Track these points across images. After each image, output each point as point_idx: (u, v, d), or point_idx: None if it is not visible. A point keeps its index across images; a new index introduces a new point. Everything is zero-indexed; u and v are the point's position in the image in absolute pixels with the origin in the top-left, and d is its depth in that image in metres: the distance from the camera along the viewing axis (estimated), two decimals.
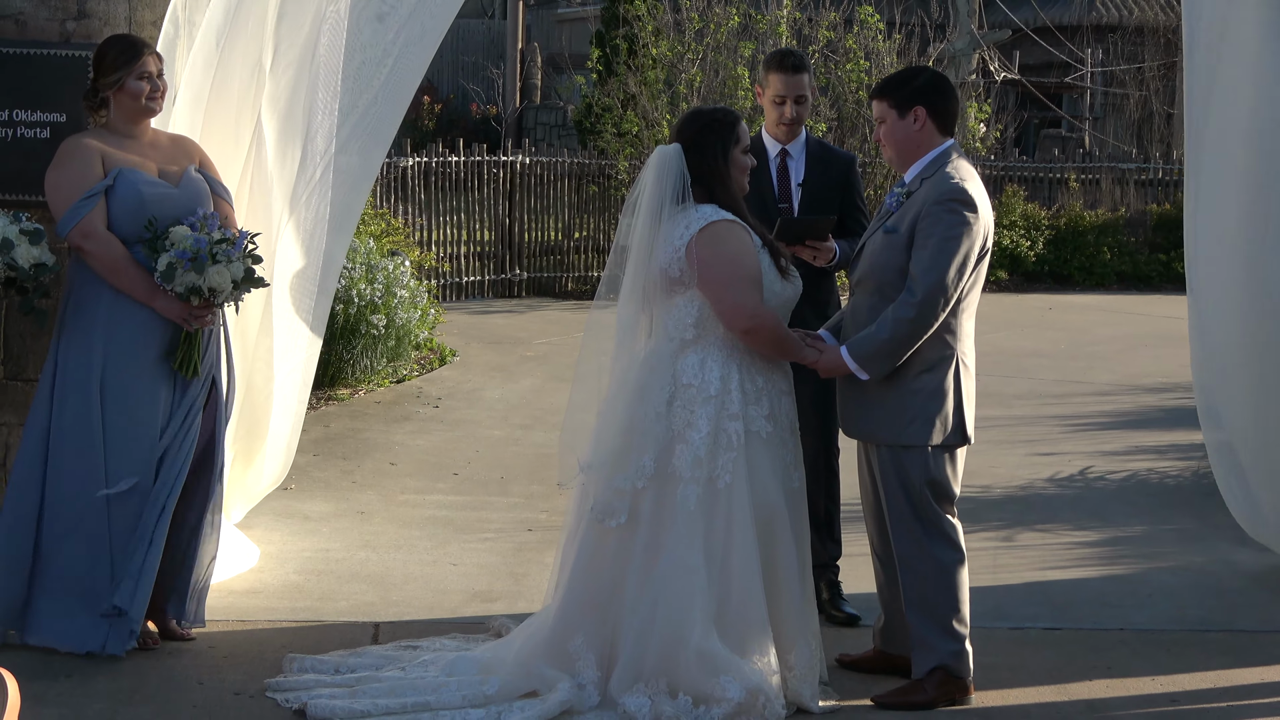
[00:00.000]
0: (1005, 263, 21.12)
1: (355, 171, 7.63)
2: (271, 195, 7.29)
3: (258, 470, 7.69)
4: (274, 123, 7.31)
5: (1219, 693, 6.41)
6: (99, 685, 6.04)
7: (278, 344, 7.52)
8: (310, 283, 7.61)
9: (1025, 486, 10.05)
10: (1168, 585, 7.88)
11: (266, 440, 7.63)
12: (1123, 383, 14.02)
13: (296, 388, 7.76)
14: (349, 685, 6.01)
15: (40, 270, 6.29)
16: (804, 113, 7.20)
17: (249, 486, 7.73)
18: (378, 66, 7.47)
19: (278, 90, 7.28)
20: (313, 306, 7.65)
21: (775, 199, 7.14)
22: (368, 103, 7.50)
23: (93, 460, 6.34)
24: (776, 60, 7.21)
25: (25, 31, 7.27)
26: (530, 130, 28.71)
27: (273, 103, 7.28)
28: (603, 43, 21.63)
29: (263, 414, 7.56)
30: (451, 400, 12.35)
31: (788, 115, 7.16)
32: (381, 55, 7.47)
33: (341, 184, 7.53)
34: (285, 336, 7.58)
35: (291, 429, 7.82)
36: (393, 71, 7.51)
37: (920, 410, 6.05)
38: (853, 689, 6.24)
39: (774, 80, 7.17)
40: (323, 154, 7.40)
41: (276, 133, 7.31)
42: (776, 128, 7.20)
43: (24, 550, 6.39)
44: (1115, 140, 27.83)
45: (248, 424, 7.52)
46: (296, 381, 7.75)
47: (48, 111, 7.16)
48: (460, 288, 18.79)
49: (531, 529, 8.62)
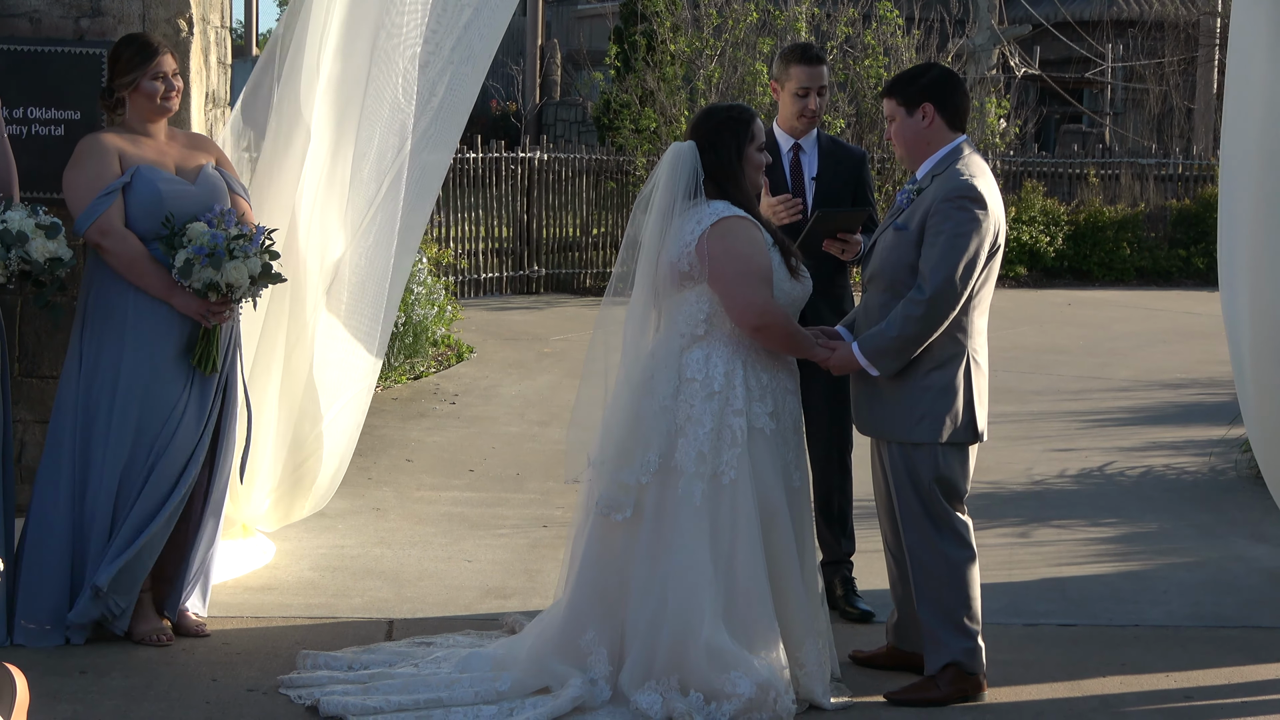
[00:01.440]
0: (1025, 258, 21.10)
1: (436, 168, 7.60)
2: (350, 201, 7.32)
3: (304, 498, 7.70)
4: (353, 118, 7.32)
5: (1234, 689, 6.39)
6: (112, 682, 6.04)
7: (333, 375, 7.50)
8: (371, 307, 7.53)
9: (1042, 482, 10.03)
10: (1184, 581, 7.85)
11: (319, 471, 7.63)
12: (1141, 378, 13.99)
13: (353, 415, 7.72)
14: (362, 682, 6.02)
15: (56, 265, 6.27)
16: (824, 105, 7.19)
17: (292, 511, 7.74)
18: (431, 91, 7.43)
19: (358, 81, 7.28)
20: (376, 332, 7.58)
21: (789, 193, 7.12)
22: (426, 123, 7.44)
23: (113, 460, 6.36)
24: (799, 53, 7.21)
25: (39, 29, 7.28)
26: (549, 126, 28.74)
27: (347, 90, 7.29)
28: (621, 39, 21.64)
29: (314, 443, 7.54)
30: (468, 397, 12.36)
31: (811, 107, 7.14)
32: (435, 79, 7.43)
33: (425, 181, 7.50)
34: (343, 363, 7.54)
35: (341, 460, 7.77)
36: (448, 91, 7.47)
37: (930, 407, 6.04)
38: (866, 685, 6.23)
39: (796, 72, 7.16)
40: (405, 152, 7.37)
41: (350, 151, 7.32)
42: (797, 120, 7.18)
43: (63, 551, 6.41)
44: (1135, 135, 27.75)
45: (296, 454, 7.51)
46: (353, 410, 7.71)
47: (62, 109, 7.17)
48: (478, 284, 18.81)
49: (547, 525, 8.63)
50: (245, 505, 7.51)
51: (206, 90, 7.77)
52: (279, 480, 7.50)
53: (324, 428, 7.50)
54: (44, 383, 7.32)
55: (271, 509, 7.61)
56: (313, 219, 7.28)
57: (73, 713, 5.73)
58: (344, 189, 7.34)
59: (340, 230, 7.37)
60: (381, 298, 7.48)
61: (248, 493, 7.43)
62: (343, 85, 7.26)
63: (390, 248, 7.42)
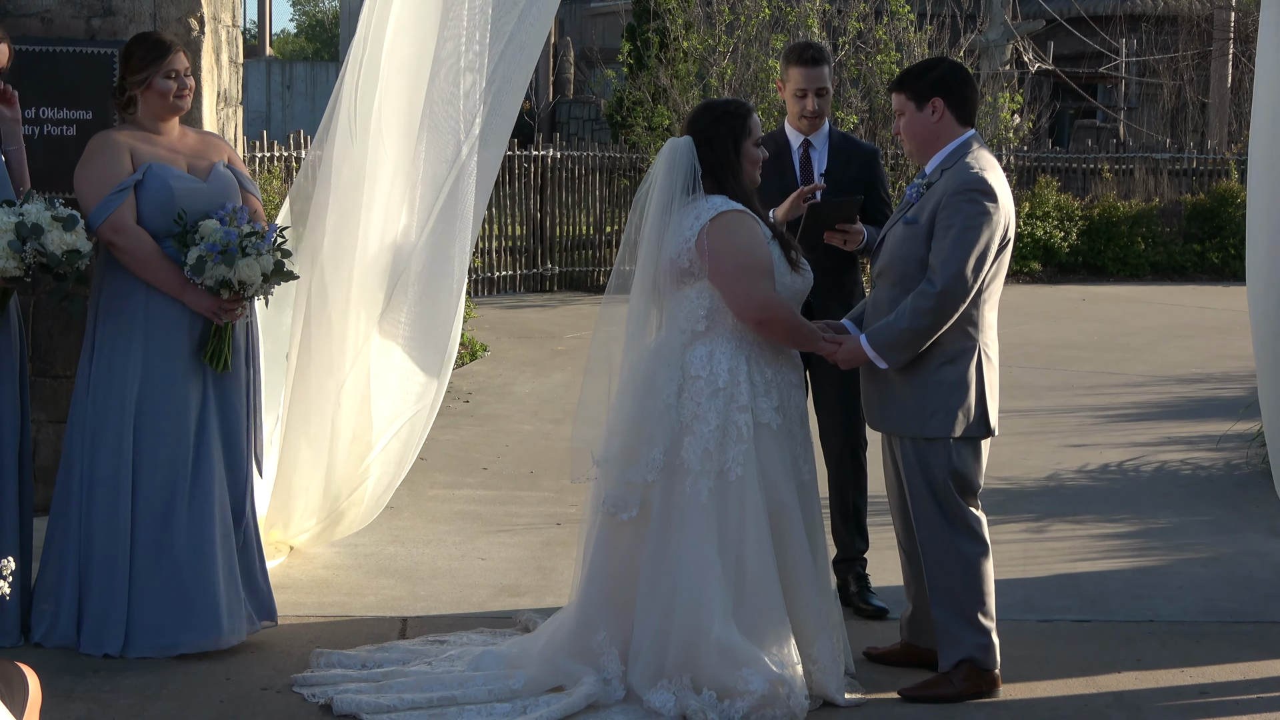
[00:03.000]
0: (1039, 254, 21.06)
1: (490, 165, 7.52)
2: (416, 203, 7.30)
3: (348, 525, 7.72)
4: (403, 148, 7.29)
5: (1249, 685, 6.37)
6: (126, 681, 6.05)
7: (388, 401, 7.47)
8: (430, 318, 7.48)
9: (1056, 477, 10.01)
10: (1198, 577, 7.84)
11: (364, 500, 7.64)
12: (1155, 374, 13.96)
13: (407, 440, 7.66)
14: (375, 680, 6.02)
15: (74, 257, 6.21)
16: (825, 105, 7.18)
17: (335, 533, 7.75)
18: (484, 91, 7.40)
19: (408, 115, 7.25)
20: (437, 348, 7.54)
21: None
22: (481, 127, 7.41)
23: (126, 459, 6.36)
24: (796, 54, 7.20)
25: (51, 29, 7.30)
26: (563, 124, 28.74)
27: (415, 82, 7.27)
28: (634, 36, 21.64)
29: (362, 475, 7.53)
30: (482, 395, 12.36)
31: (809, 108, 7.15)
32: (488, 77, 7.40)
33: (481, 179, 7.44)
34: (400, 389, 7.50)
35: (390, 485, 7.76)
36: (500, 91, 7.45)
37: (942, 402, 6.03)
38: (879, 682, 6.22)
39: (794, 74, 7.16)
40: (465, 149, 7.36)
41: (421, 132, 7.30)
42: (799, 121, 7.19)
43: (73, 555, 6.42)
44: (1149, 130, 27.70)
45: (347, 484, 7.51)
46: (407, 434, 7.65)
47: (74, 109, 7.19)
48: (492, 282, 18.82)
49: (560, 523, 8.62)
50: (289, 530, 7.57)
51: (218, 89, 7.77)
52: (326, 510, 7.52)
53: (372, 459, 7.51)
54: (57, 382, 7.33)
55: (316, 536, 7.67)
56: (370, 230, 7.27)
57: (86, 712, 5.73)
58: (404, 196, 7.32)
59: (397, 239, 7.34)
60: (447, 308, 7.44)
61: (292, 518, 7.48)
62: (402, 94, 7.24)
63: (451, 256, 7.38)
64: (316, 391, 7.32)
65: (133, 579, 6.35)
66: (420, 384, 7.58)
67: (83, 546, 6.38)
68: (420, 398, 7.59)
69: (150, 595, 6.32)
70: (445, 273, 7.41)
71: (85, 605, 6.37)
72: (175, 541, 6.34)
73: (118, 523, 6.34)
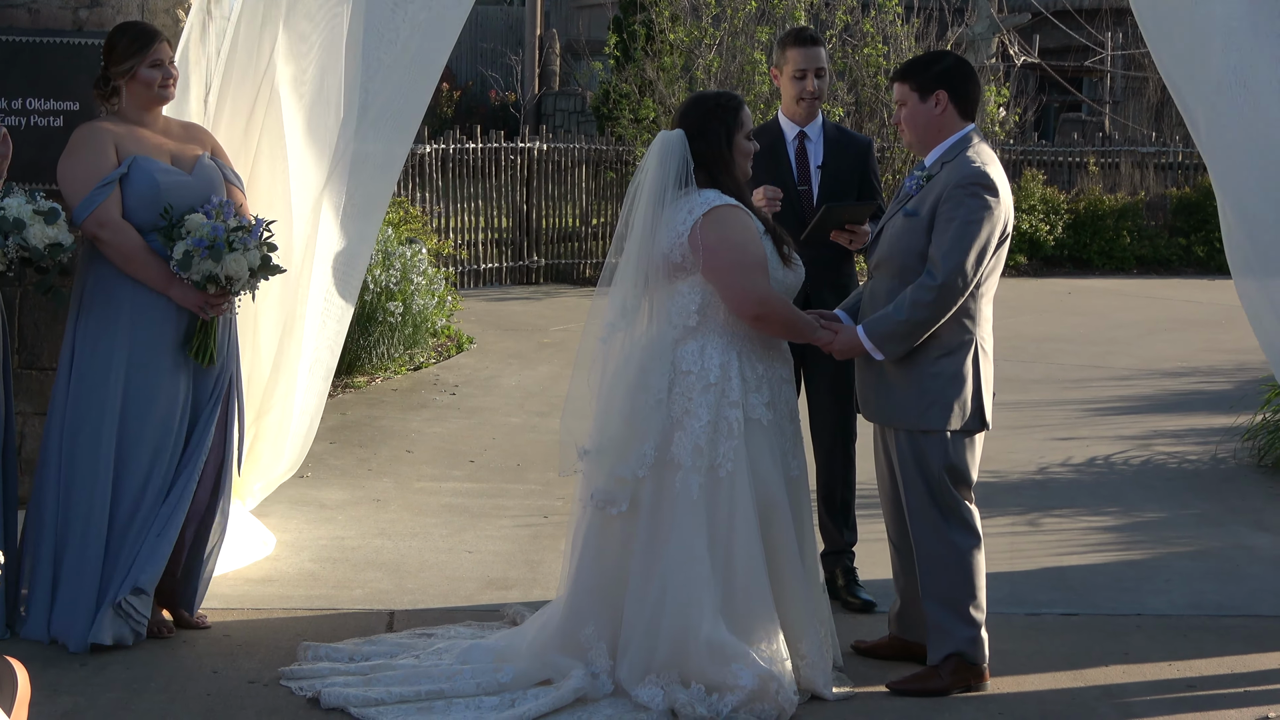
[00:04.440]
0: (1024, 247, 21.07)
1: (379, 159, 7.57)
2: (295, 183, 7.27)
3: (278, 453, 7.68)
4: (300, 110, 7.26)
5: (1237, 678, 6.37)
6: (113, 674, 6.03)
7: (306, 330, 7.51)
8: (337, 270, 7.58)
9: (1043, 471, 10.02)
10: (1185, 570, 7.84)
11: (290, 424, 7.63)
12: (1141, 367, 13.97)
13: (321, 373, 7.75)
14: (363, 673, 6.00)
15: (56, 250, 6.21)
16: (823, 87, 7.16)
17: (268, 469, 7.71)
18: (399, 54, 7.40)
19: (303, 76, 7.24)
20: (337, 294, 7.62)
21: (795, 182, 7.10)
22: (392, 89, 7.42)
23: (105, 451, 6.33)
24: (793, 36, 7.20)
25: (38, 20, 7.27)
26: (549, 117, 28.69)
27: (297, 88, 7.24)
28: (620, 28, 21.60)
29: (287, 399, 7.56)
30: (468, 387, 12.34)
31: (809, 88, 7.11)
32: (404, 42, 7.40)
33: (365, 172, 7.49)
34: (312, 323, 7.56)
35: (313, 415, 7.81)
36: (415, 58, 7.45)
37: (940, 395, 6.02)
38: (868, 675, 6.22)
39: (792, 55, 7.14)
40: (343, 142, 7.37)
41: (303, 120, 7.28)
42: (796, 104, 7.15)
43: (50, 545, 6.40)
44: (1134, 124, 27.72)
45: (272, 409, 7.53)
46: (321, 368, 7.73)
47: (61, 100, 7.16)
48: (478, 275, 18.80)
49: (547, 516, 8.61)
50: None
51: (205, 81, 7.73)
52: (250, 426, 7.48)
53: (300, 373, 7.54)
54: (43, 374, 7.31)
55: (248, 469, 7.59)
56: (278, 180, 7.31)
57: (73, 705, 5.72)
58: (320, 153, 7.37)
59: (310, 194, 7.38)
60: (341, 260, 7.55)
61: None
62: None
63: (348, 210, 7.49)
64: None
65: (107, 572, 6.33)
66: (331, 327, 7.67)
67: (58, 539, 6.36)
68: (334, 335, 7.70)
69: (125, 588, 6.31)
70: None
71: (57, 598, 6.36)
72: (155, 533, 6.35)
73: (93, 517, 6.32)
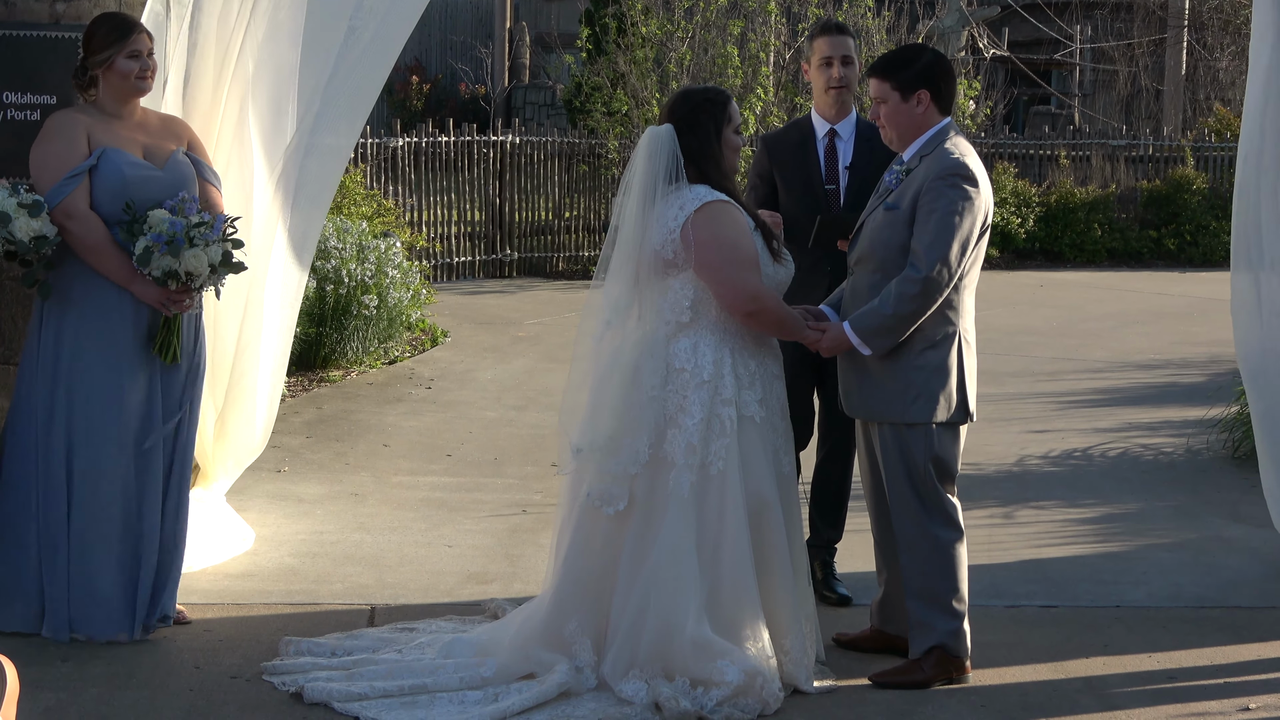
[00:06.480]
0: (996, 240, 21.12)
1: (331, 148, 7.56)
2: (255, 173, 7.25)
3: (240, 440, 7.65)
4: (257, 99, 7.25)
5: (1216, 669, 6.40)
6: (95, 670, 6.02)
7: (265, 312, 7.50)
8: (289, 257, 7.56)
9: (1020, 464, 10.05)
10: (1163, 562, 7.87)
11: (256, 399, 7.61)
12: (1115, 359, 14.02)
13: (276, 359, 7.72)
14: (346, 668, 5.99)
15: (40, 243, 6.17)
16: (850, 76, 7.10)
17: (232, 455, 7.67)
18: (350, 43, 7.38)
19: (260, 66, 7.22)
20: (291, 281, 7.62)
21: (822, 181, 7.06)
22: (341, 78, 7.40)
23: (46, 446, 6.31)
24: (820, 26, 7.24)
25: (14, 13, 7.22)
26: (519, 109, 28.66)
27: (256, 77, 7.22)
28: (592, 21, 21.56)
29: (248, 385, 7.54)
30: (444, 381, 12.32)
31: (835, 76, 7.06)
32: (355, 31, 7.37)
33: (317, 160, 7.48)
34: (271, 304, 7.55)
35: (273, 392, 7.78)
36: (369, 46, 7.42)
37: (924, 387, 6.03)
38: (849, 668, 6.23)
39: (819, 44, 7.12)
40: (295, 130, 7.34)
41: (260, 109, 7.26)
42: (825, 95, 7.11)
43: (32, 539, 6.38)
44: (1104, 117, 27.81)
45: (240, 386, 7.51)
46: (276, 352, 7.70)
47: (38, 93, 7.11)
48: (451, 268, 18.77)
49: (526, 510, 8.60)
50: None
51: (184, 73, 7.70)
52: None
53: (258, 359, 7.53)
54: None
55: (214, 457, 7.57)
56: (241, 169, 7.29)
57: (55, 701, 5.70)
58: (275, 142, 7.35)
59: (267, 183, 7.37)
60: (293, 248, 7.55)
61: None
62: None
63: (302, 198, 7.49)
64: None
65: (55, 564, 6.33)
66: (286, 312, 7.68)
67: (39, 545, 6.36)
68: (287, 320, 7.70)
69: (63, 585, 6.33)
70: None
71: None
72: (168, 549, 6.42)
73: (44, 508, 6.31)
